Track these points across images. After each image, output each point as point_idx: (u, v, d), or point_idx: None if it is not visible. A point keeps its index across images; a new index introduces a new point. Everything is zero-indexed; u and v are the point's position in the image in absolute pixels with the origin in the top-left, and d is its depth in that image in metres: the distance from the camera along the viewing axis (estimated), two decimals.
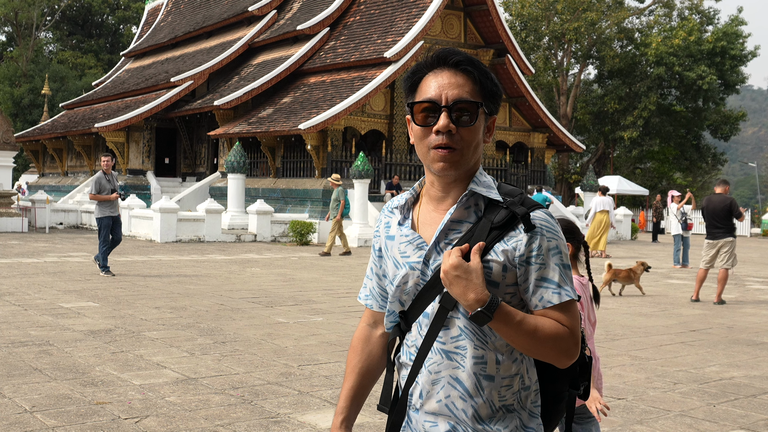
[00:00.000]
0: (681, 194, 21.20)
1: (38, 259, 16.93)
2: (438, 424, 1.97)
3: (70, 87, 59.15)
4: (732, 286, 15.75)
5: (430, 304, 1.98)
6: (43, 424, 5.22)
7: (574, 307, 1.94)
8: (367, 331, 2.25)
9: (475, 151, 1.98)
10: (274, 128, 28.12)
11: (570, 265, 1.97)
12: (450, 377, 1.95)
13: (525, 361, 1.99)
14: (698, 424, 5.70)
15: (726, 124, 53.63)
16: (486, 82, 1.99)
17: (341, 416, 2.20)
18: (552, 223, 1.95)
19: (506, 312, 1.85)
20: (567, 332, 1.90)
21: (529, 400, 2.00)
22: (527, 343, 1.87)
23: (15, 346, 7.71)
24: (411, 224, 2.07)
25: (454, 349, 1.95)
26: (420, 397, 2.00)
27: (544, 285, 1.92)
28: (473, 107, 1.94)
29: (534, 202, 1.97)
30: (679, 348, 8.71)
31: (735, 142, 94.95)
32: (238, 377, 6.72)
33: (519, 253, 1.91)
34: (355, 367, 2.23)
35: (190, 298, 11.56)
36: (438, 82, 1.97)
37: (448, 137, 1.93)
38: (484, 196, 1.98)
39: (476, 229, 1.94)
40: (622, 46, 54.40)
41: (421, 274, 1.99)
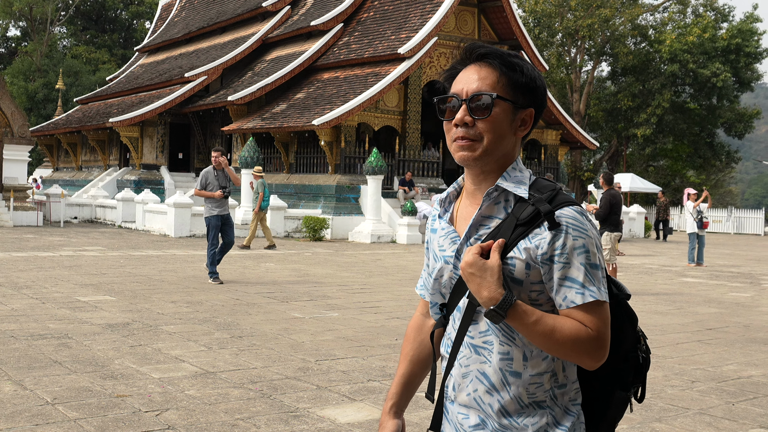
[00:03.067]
0: (697, 192, 21.09)
1: (54, 252, 17.02)
2: (469, 417, 1.99)
3: (83, 82, 59.39)
4: (747, 284, 15.70)
5: (462, 298, 2.00)
6: (65, 416, 5.26)
7: (600, 309, 1.89)
8: (420, 320, 2.28)
9: (499, 143, 1.96)
10: (288, 124, 28.16)
11: (600, 266, 1.91)
12: (478, 371, 1.96)
13: (561, 359, 1.95)
14: (717, 422, 5.69)
15: (740, 121, 53.34)
16: (512, 74, 1.97)
17: (391, 401, 2.23)
18: (581, 221, 1.91)
19: (521, 311, 1.84)
20: (590, 334, 1.86)
21: (566, 398, 1.96)
22: (545, 343, 1.86)
23: (34, 339, 7.77)
24: (450, 218, 2.09)
25: (482, 344, 1.96)
26: (453, 389, 2.02)
27: (567, 284, 1.89)
28: (487, 99, 1.94)
29: (565, 199, 1.93)
30: (696, 346, 8.69)
31: (748, 140, 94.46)
32: (256, 371, 6.74)
33: (542, 251, 1.89)
34: (407, 355, 2.26)
35: (205, 292, 11.60)
36: (464, 77, 1.99)
37: (465, 129, 1.96)
38: (513, 192, 1.97)
39: (503, 226, 1.94)
40: (635, 42, 54.16)
41: (454, 268, 2.01)
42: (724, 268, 19.67)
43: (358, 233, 24.87)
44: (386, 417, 2.21)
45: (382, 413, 2.22)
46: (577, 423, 1.96)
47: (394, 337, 8.54)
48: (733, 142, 62.17)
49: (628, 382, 2.02)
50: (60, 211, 27.87)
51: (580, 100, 53.55)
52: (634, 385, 2.04)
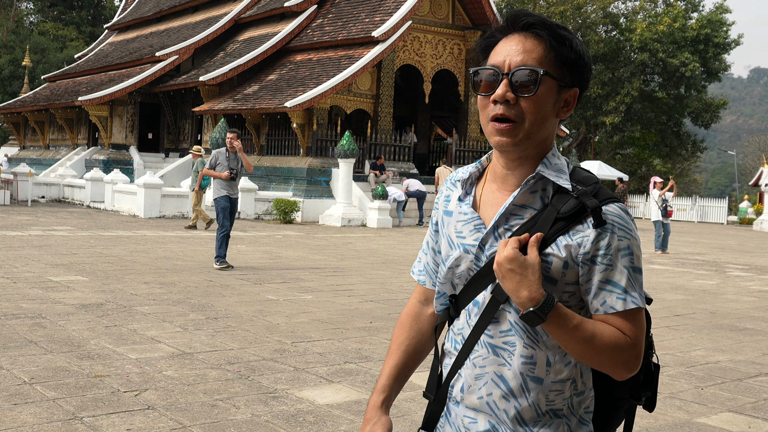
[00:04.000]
0: (663, 181, 21.37)
1: (22, 232, 16.86)
2: (477, 421, 1.84)
3: (51, 59, 58.53)
4: (713, 272, 15.97)
5: (482, 292, 1.83)
6: (44, 395, 5.26)
7: (640, 316, 1.76)
8: (417, 307, 2.08)
9: (541, 125, 1.78)
10: (260, 105, 28.03)
11: (641, 270, 1.78)
12: (494, 374, 1.81)
13: (579, 365, 1.82)
14: (687, 406, 5.83)
15: (707, 111, 53.94)
16: (561, 48, 1.78)
17: (382, 395, 2.00)
18: (626, 220, 1.76)
19: (562, 314, 1.69)
20: (629, 343, 1.73)
21: (582, 407, 1.84)
22: (582, 350, 1.71)
23: (8, 319, 7.73)
24: (472, 202, 1.90)
25: (502, 345, 1.80)
26: (461, 390, 1.86)
27: (608, 288, 1.74)
28: (534, 75, 1.74)
29: (609, 195, 1.78)
30: (665, 332, 8.86)
31: (713, 130, 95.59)
32: (233, 353, 6.77)
33: (584, 250, 1.74)
34: (402, 344, 2.05)
35: (178, 273, 11.58)
36: (506, 48, 1.79)
37: (505, 107, 1.76)
38: (552, 181, 1.80)
39: (540, 218, 1.77)
40: (606, 31, 54.52)
41: (475, 259, 1.84)
42: (689, 255, 19.98)
43: (328, 216, 24.88)
44: (377, 412, 1.99)
45: (371, 407, 2.00)
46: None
47: (368, 320, 8.61)
48: (699, 132, 62.89)
49: (639, 389, 1.90)
50: (27, 190, 27.54)
51: None
52: (644, 393, 1.91)
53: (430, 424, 1.94)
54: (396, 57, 29.23)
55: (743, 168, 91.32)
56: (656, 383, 1.92)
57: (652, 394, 1.92)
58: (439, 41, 30.25)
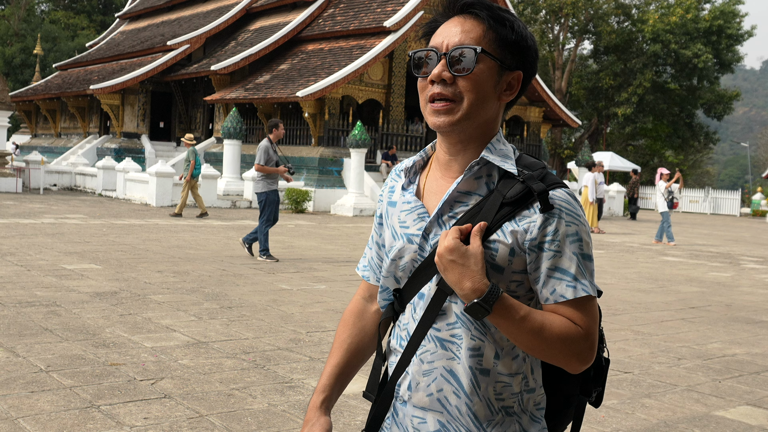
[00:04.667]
0: (670, 173, 21.29)
1: (35, 220, 16.89)
2: (427, 421, 1.75)
3: (62, 47, 58.63)
4: (728, 264, 15.89)
5: (427, 284, 1.74)
6: (60, 383, 5.26)
7: (591, 305, 1.68)
8: (361, 304, 2.00)
9: (480, 106, 1.71)
10: (271, 95, 28.00)
11: (591, 257, 1.70)
12: (444, 369, 1.72)
13: (529, 360, 1.74)
14: (705, 399, 5.79)
15: (719, 103, 53.70)
16: (501, 29, 1.72)
17: (322, 395, 1.92)
18: (574, 206, 1.69)
19: (508, 305, 1.60)
20: (580, 333, 1.65)
21: (532, 403, 1.77)
22: (532, 342, 1.63)
23: (23, 306, 7.73)
24: (416, 191, 1.82)
25: (449, 338, 1.71)
26: (409, 388, 1.76)
27: (557, 276, 1.66)
28: (471, 53, 1.68)
29: (556, 180, 1.71)
30: (680, 324, 8.81)
31: (726, 121, 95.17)
32: (248, 342, 6.76)
33: (531, 236, 1.66)
34: (344, 343, 1.96)
35: (191, 262, 11.58)
36: (445, 30, 1.74)
37: (442, 86, 1.70)
38: (498, 166, 1.73)
39: (485, 204, 1.69)
40: (618, 21, 54.26)
41: (419, 249, 1.75)
42: (703, 248, 19.88)
43: (340, 206, 24.86)
44: (317, 413, 1.90)
45: (311, 407, 1.92)
46: (542, 430, 1.78)
47: None
48: (712, 123, 62.63)
49: (590, 385, 1.83)
50: (39, 178, 27.61)
51: (562, 77, 53.63)
52: (595, 389, 1.84)
53: (374, 426, 1.85)
54: (408, 47, 29.14)
55: (756, 160, 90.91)
56: (605, 378, 1.85)
57: (601, 390, 1.86)
58: None
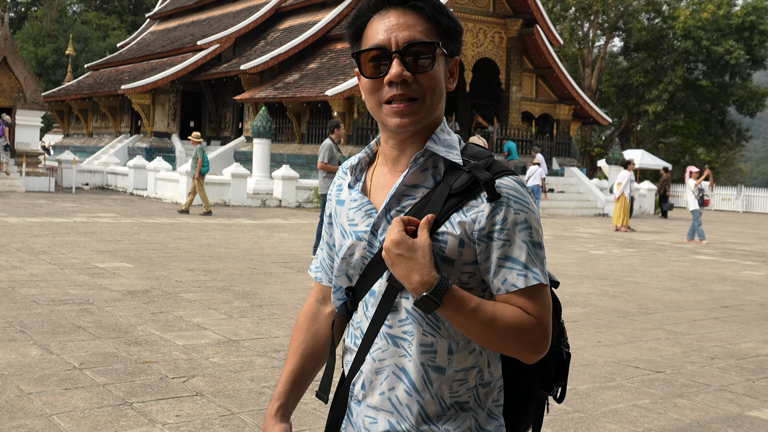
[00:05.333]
0: (699, 170, 21.07)
1: (68, 219, 17.09)
2: (378, 421, 1.72)
3: (93, 48, 59.25)
4: (760, 263, 15.70)
5: (378, 280, 1.71)
6: (94, 380, 5.32)
7: (543, 293, 1.65)
8: (314, 307, 1.97)
9: (438, 101, 1.69)
10: (301, 94, 28.10)
11: (542, 244, 1.68)
12: (396, 366, 1.69)
13: (485, 353, 1.71)
14: (739, 399, 5.73)
15: (752, 99, 53.01)
16: (441, 18, 1.69)
17: (278, 402, 1.91)
18: (522, 193, 1.66)
19: (458, 297, 1.58)
20: (533, 322, 1.62)
21: (489, 399, 1.73)
22: (484, 334, 1.60)
23: (56, 304, 7.83)
24: (362, 188, 1.80)
25: (401, 335, 1.68)
26: (362, 387, 1.74)
27: (507, 265, 1.64)
28: (429, 49, 1.66)
29: (503, 168, 1.68)
30: (713, 323, 8.72)
31: (759, 118, 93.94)
32: (279, 340, 6.80)
33: (479, 226, 1.64)
34: (299, 348, 1.93)
35: (222, 261, 11.65)
36: (385, 25, 1.67)
37: (403, 87, 1.65)
38: (443, 157, 1.70)
39: (432, 196, 1.67)
40: (649, 18, 53.75)
41: (368, 246, 1.73)
42: (735, 246, 19.66)
43: None
44: (272, 421, 1.89)
45: (267, 415, 1.91)
46: (499, 427, 1.74)
47: None
48: (744, 120, 61.86)
49: (550, 379, 1.81)
50: (71, 177, 27.92)
51: (592, 75, 53.26)
52: (556, 384, 1.82)
53: (334, 427, 1.81)
54: None
55: None
56: (567, 373, 1.83)
57: (563, 384, 1.83)
58: (479, 29, 30.05)
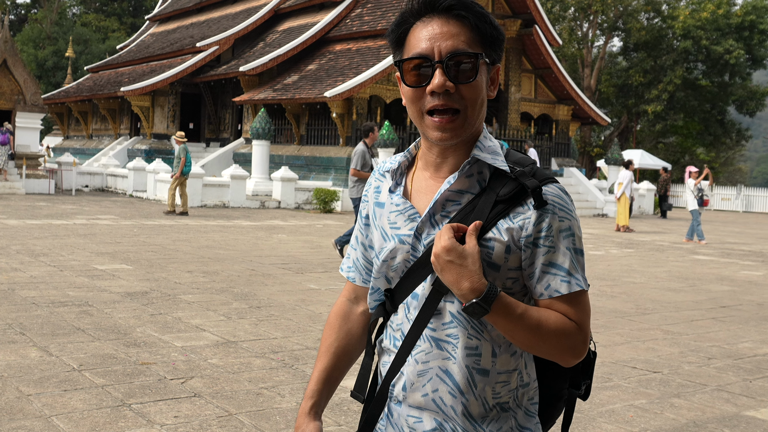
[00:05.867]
0: (698, 170, 21.11)
1: (68, 221, 17.11)
2: (423, 420, 1.75)
3: (93, 50, 59.34)
4: (759, 263, 15.72)
5: (421, 284, 1.73)
6: (92, 382, 5.34)
7: (584, 299, 1.70)
8: (347, 306, 1.99)
9: (480, 110, 1.71)
10: (300, 95, 28.12)
11: (583, 251, 1.72)
12: (439, 369, 1.71)
13: (524, 355, 1.76)
14: (735, 399, 5.75)
15: (752, 99, 53.05)
16: (484, 26, 1.69)
17: (311, 400, 1.93)
18: (566, 201, 1.70)
19: (506, 304, 1.61)
20: (575, 327, 1.67)
21: (526, 398, 1.78)
22: (529, 339, 1.64)
23: (56, 306, 7.85)
24: (403, 191, 1.81)
25: (445, 338, 1.71)
26: (404, 389, 1.75)
27: (552, 271, 1.67)
28: (472, 59, 1.67)
29: (547, 175, 1.72)
30: (711, 323, 8.74)
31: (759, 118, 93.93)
32: (277, 341, 6.82)
33: (526, 233, 1.67)
34: (331, 346, 1.96)
35: (221, 262, 11.68)
36: (428, 33, 1.68)
37: (445, 97, 1.66)
38: (488, 163, 1.72)
39: (478, 202, 1.69)
40: (648, 18, 53.80)
41: (411, 249, 1.74)
42: (734, 246, 19.68)
43: None
44: (306, 419, 1.91)
45: (300, 414, 1.93)
46: (536, 425, 1.79)
47: None
48: (744, 120, 61.87)
49: (579, 378, 1.85)
50: (71, 179, 27.96)
51: (591, 75, 53.29)
52: (584, 382, 1.85)
53: (368, 427, 1.83)
54: None
55: None
56: (593, 371, 1.87)
57: (589, 383, 1.87)
58: None
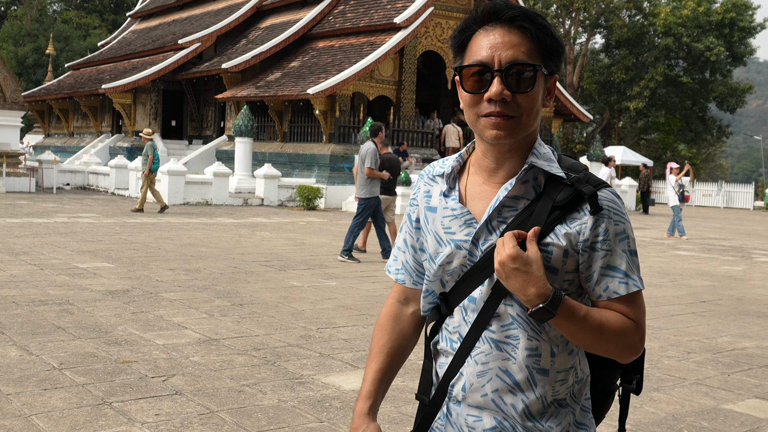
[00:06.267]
0: (679, 166, 21.27)
1: (48, 219, 17.02)
2: (483, 419, 1.79)
3: (74, 47, 58.96)
4: (739, 258, 15.85)
5: (478, 288, 1.78)
6: (73, 381, 5.32)
7: (640, 299, 1.76)
8: (397, 308, 2.02)
9: (534, 118, 1.75)
10: (282, 92, 28.07)
11: (637, 252, 1.78)
12: (499, 369, 1.76)
13: (579, 353, 1.82)
14: (714, 392, 5.81)
15: (732, 96, 53.43)
16: (545, 38, 1.74)
17: (369, 401, 1.96)
18: (619, 205, 1.76)
19: (570, 307, 1.66)
20: (633, 326, 1.73)
21: (582, 394, 1.84)
22: (591, 339, 1.70)
23: (36, 305, 7.82)
24: (458, 196, 1.84)
25: (504, 339, 1.76)
26: (463, 389, 1.80)
27: (610, 274, 1.73)
28: (531, 70, 1.71)
29: (600, 181, 1.77)
30: (691, 318, 8.81)
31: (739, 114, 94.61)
32: (259, 339, 6.82)
33: (583, 237, 1.72)
34: (384, 347, 1.99)
35: (203, 260, 11.65)
36: (490, 42, 1.73)
37: (502, 105, 1.71)
38: (543, 170, 1.77)
39: (535, 208, 1.74)
40: (630, 15, 54.06)
41: (468, 254, 1.78)
42: (715, 241, 19.82)
43: (352, 203, 24.89)
44: (365, 419, 1.94)
45: (358, 414, 1.95)
46: (591, 419, 1.85)
47: None
48: (725, 117, 62.28)
49: (630, 373, 1.91)
50: (52, 177, 27.76)
51: (574, 72, 53.49)
52: (634, 376, 1.91)
53: (424, 426, 1.88)
54: (418, 43, 29.13)
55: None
56: (642, 366, 1.91)
57: (640, 377, 1.92)
58: None
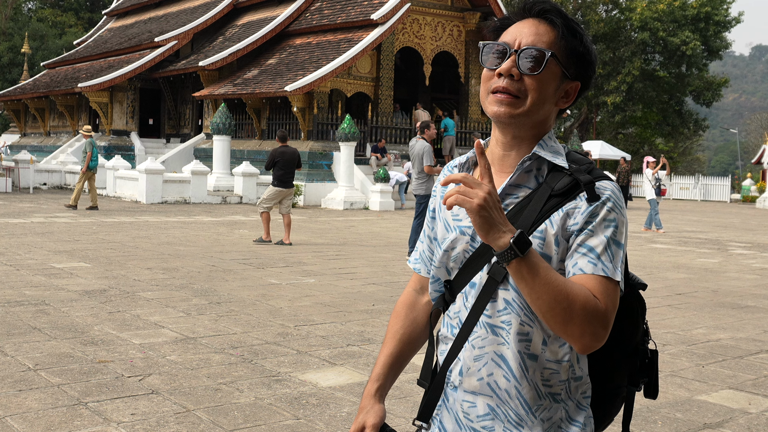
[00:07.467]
0: (656, 160, 21.43)
1: (25, 219, 16.89)
2: (476, 405, 1.82)
3: (50, 46, 58.41)
4: (715, 251, 15.99)
5: (478, 273, 1.82)
6: (48, 381, 5.30)
7: (610, 287, 1.70)
8: (413, 296, 2.09)
9: (540, 106, 1.80)
10: (260, 90, 27.99)
11: (622, 245, 1.76)
12: (494, 353, 1.79)
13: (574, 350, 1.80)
14: (688, 384, 5.86)
15: (708, 90, 53.84)
16: (572, 39, 1.82)
17: (376, 384, 2.02)
18: (618, 197, 1.78)
19: (536, 256, 1.64)
20: (598, 305, 1.67)
21: (579, 391, 1.83)
22: (551, 300, 1.63)
23: (11, 306, 7.76)
24: None
25: (500, 324, 1.78)
26: (460, 374, 1.83)
27: (581, 251, 1.73)
28: (542, 55, 1.78)
29: (602, 174, 1.80)
30: (666, 311, 8.89)
31: (716, 108, 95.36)
32: (236, 337, 6.81)
33: (574, 221, 1.75)
34: (397, 333, 2.07)
35: (181, 259, 11.61)
36: (518, 29, 1.83)
37: (509, 81, 1.78)
38: (548, 161, 1.83)
39: (534, 195, 1.79)
40: (607, 10, 54.35)
41: (470, 240, 1.83)
42: (692, 234, 19.98)
43: (330, 200, 24.89)
44: (371, 400, 2.01)
45: (366, 395, 2.02)
46: (587, 418, 1.85)
47: (370, 303, 8.64)
48: (701, 110, 62.74)
49: (637, 376, 1.91)
50: (29, 177, 27.55)
51: None
52: (642, 379, 1.92)
53: (427, 412, 1.92)
54: (395, 39, 29.13)
55: (746, 146, 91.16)
56: (656, 370, 1.93)
57: (651, 380, 1.94)
58: (438, 23, 30.15)
